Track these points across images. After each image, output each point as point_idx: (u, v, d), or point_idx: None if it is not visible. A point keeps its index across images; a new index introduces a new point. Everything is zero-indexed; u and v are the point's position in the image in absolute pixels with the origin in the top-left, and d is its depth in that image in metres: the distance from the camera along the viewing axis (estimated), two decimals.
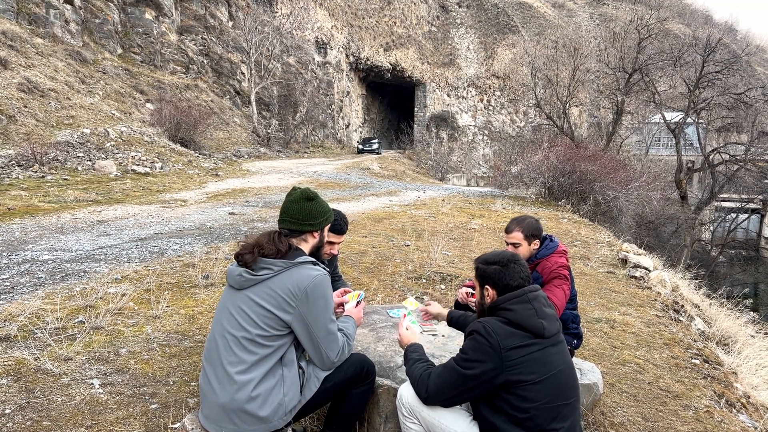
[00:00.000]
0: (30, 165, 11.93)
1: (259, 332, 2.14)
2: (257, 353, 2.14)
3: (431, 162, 41.27)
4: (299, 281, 2.18)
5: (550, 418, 1.99)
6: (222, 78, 28.12)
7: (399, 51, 44.45)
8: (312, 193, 2.46)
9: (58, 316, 3.74)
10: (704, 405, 3.56)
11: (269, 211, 9.89)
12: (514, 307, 2.10)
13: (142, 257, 5.88)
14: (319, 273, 2.24)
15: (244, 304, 2.19)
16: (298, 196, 2.43)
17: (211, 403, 2.16)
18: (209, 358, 2.23)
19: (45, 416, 2.55)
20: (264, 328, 2.15)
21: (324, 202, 2.51)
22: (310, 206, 2.42)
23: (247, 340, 2.14)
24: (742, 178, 24.24)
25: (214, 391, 2.15)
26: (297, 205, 2.41)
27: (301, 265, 2.24)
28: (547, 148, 17.17)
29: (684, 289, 7.52)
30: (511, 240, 3.33)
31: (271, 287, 2.18)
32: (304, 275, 2.21)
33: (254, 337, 2.14)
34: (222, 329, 2.21)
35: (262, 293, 2.18)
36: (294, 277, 2.20)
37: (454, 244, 7.66)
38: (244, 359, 2.12)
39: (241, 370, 2.11)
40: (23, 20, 18.28)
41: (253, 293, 2.19)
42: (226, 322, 2.21)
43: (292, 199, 2.44)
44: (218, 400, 2.13)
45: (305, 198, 2.43)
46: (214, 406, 2.15)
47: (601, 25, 52.69)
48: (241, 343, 2.14)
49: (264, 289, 2.19)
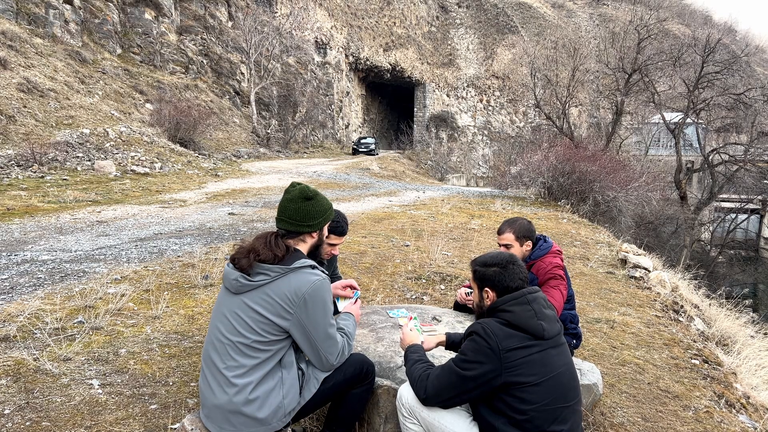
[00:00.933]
0: (29, 165, 11.92)
1: (256, 338, 2.12)
2: (256, 357, 2.12)
3: (431, 162, 41.26)
4: (297, 287, 2.14)
5: (550, 420, 1.98)
6: (221, 78, 28.12)
7: (398, 51, 44.46)
8: (311, 192, 2.36)
9: (58, 317, 3.73)
10: (704, 405, 3.56)
11: (269, 211, 9.89)
12: (514, 309, 2.10)
13: (142, 257, 5.88)
14: (317, 278, 2.19)
15: (239, 310, 2.15)
16: (296, 195, 2.33)
17: (210, 404, 2.15)
18: (207, 362, 2.21)
19: (44, 417, 2.55)
20: (261, 334, 2.12)
21: (323, 199, 2.41)
22: (308, 206, 2.32)
23: (244, 345, 2.12)
24: (741, 179, 24.26)
25: (213, 393, 2.14)
26: (294, 205, 2.32)
27: (299, 270, 2.18)
28: (547, 148, 17.17)
29: (683, 290, 7.52)
30: (503, 242, 3.34)
31: (267, 293, 2.13)
32: (302, 281, 2.16)
33: (252, 342, 2.12)
34: (218, 333, 2.18)
35: (258, 299, 2.14)
36: (292, 283, 2.15)
37: (454, 245, 7.66)
38: (242, 363, 2.11)
39: (239, 374, 2.10)
40: (23, 20, 18.27)
41: (249, 299, 2.15)
42: (222, 326, 2.18)
43: (289, 197, 2.35)
44: (217, 402, 2.12)
45: (303, 197, 2.33)
46: (213, 408, 2.14)
47: (600, 25, 52.72)
48: (238, 348, 2.12)
49: (260, 295, 2.14)
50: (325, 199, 2.44)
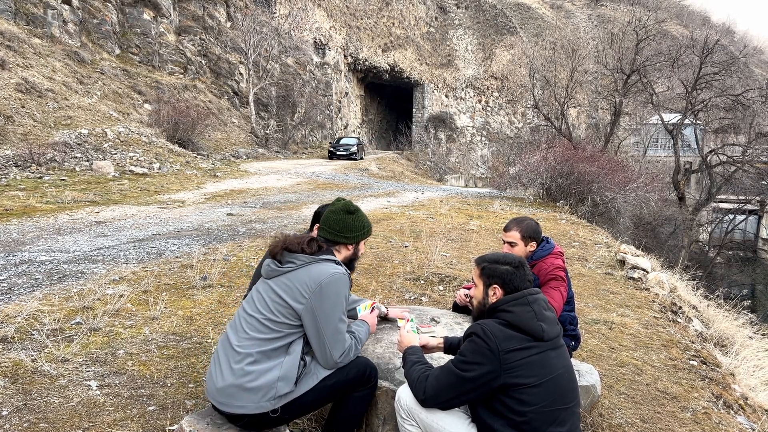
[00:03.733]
0: (27, 165, 11.90)
1: (270, 316, 2.26)
2: (265, 334, 2.25)
3: (429, 163, 41.23)
4: (317, 275, 2.29)
5: (549, 422, 1.98)
6: (220, 78, 28.09)
7: (397, 52, 44.45)
8: (353, 207, 2.57)
9: (56, 318, 3.73)
10: (702, 406, 3.56)
11: (267, 211, 9.88)
12: (514, 309, 2.10)
13: (140, 258, 5.87)
14: (337, 271, 2.33)
15: (264, 292, 2.34)
16: (340, 208, 2.54)
17: (213, 376, 2.27)
18: (223, 337, 2.36)
19: (42, 418, 2.54)
20: (275, 314, 2.26)
21: (364, 216, 2.60)
22: (349, 219, 2.53)
23: (257, 321, 2.27)
24: (739, 180, 24.27)
25: (218, 364, 2.27)
26: (337, 216, 2.52)
27: (323, 262, 2.35)
28: (546, 149, 17.17)
29: (682, 291, 7.53)
30: (508, 239, 3.34)
31: (290, 278, 2.31)
32: (323, 270, 2.31)
33: (263, 319, 2.26)
34: (242, 311, 2.37)
35: (281, 283, 2.31)
36: (312, 271, 2.31)
37: (453, 245, 7.66)
38: (251, 336, 2.25)
39: (245, 345, 2.24)
40: (21, 20, 18.23)
41: (274, 283, 2.33)
42: (247, 305, 2.38)
43: (333, 209, 2.56)
44: (220, 373, 2.23)
45: (346, 211, 2.54)
46: (215, 379, 2.25)
47: (599, 26, 52.79)
48: (251, 323, 2.28)
49: (284, 280, 2.31)
50: (366, 217, 2.65)
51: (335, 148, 28.30)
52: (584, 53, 36.61)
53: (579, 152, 16.11)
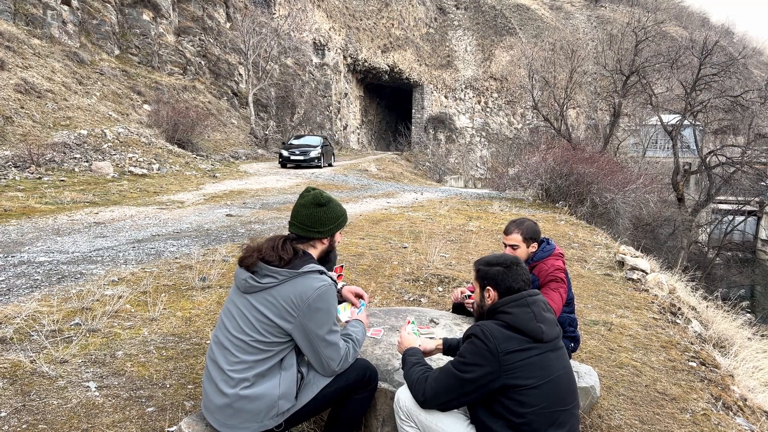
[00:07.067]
0: (27, 166, 11.89)
1: (259, 337, 2.15)
2: (256, 356, 2.16)
3: (429, 164, 41.23)
4: (303, 292, 2.16)
5: (548, 423, 1.98)
6: (219, 79, 28.09)
7: (397, 53, 44.46)
8: (323, 198, 2.39)
9: (55, 319, 3.72)
10: (701, 408, 3.56)
11: (267, 212, 9.88)
12: (513, 311, 2.10)
13: (139, 259, 5.87)
14: (323, 284, 2.20)
15: (245, 309, 2.20)
16: (309, 201, 2.37)
17: (211, 399, 2.20)
18: (211, 357, 2.26)
19: (41, 419, 2.54)
20: (264, 335, 2.16)
21: (336, 206, 2.43)
22: (320, 212, 2.35)
23: (245, 344, 2.16)
24: (738, 181, 24.29)
25: (213, 385, 2.19)
26: (307, 210, 2.35)
27: (306, 275, 2.20)
28: (545, 150, 17.18)
29: (681, 292, 7.54)
30: (510, 242, 3.34)
31: (273, 295, 2.16)
32: (308, 286, 2.17)
33: (252, 341, 2.15)
34: (225, 330, 2.24)
35: (264, 301, 2.17)
36: (298, 287, 2.17)
37: (452, 246, 7.66)
38: (243, 359, 2.15)
39: (238, 369, 2.14)
40: (20, 21, 18.22)
41: (255, 300, 2.19)
42: (229, 323, 2.23)
43: (303, 203, 2.38)
44: (217, 397, 2.16)
45: (316, 203, 2.36)
46: (211, 402, 2.19)
47: (598, 27, 52.84)
48: (240, 345, 2.17)
49: (266, 297, 2.17)
50: (339, 206, 2.45)
51: (289, 151, 20.45)
52: (583, 54, 36.62)
53: (578, 153, 16.12)
